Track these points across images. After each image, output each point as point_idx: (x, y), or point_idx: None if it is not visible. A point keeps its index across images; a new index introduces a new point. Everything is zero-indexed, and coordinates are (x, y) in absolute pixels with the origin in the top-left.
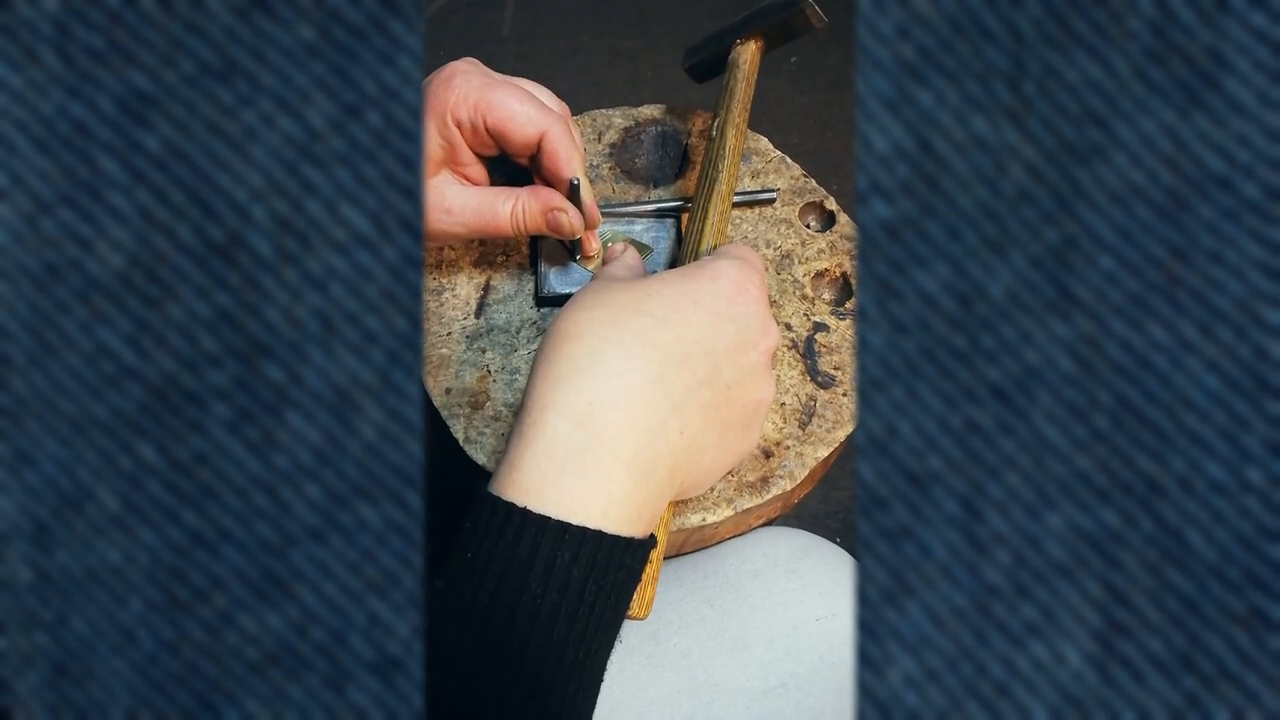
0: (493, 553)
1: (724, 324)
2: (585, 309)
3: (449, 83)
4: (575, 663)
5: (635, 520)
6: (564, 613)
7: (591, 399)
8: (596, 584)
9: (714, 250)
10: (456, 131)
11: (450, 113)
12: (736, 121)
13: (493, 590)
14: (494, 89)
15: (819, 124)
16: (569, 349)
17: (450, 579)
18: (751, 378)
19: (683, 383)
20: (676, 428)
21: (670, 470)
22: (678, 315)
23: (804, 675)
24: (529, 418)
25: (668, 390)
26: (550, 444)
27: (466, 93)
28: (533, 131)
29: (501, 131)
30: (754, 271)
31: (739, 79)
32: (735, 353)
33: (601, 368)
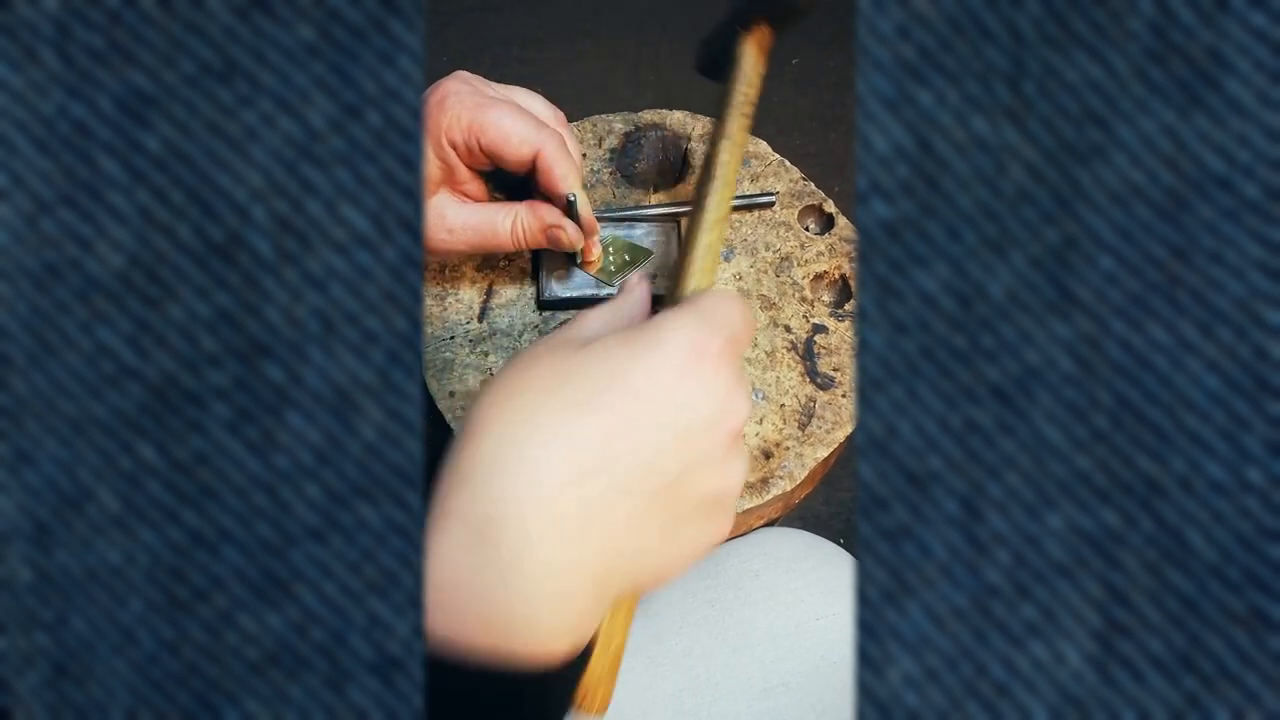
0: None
1: (664, 411)
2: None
3: (442, 104)
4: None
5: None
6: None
7: (489, 512)
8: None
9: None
10: (452, 153)
11: (445, 135)
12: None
13: None
14: (486, 109)
15: (821, 126)
16: (471, 448)
17: None
18: (707, 466)
19: (601, 488)
20: (597, 536)
21: (596, 578)
22: (605, 399)
23: (804, 674)
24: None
25: (583, 496)
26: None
27: (459, 114)
28: (526, 151)
29: (495, 152)
30: (714, 335)
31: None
32: (681, 442)
33: (504, 474)
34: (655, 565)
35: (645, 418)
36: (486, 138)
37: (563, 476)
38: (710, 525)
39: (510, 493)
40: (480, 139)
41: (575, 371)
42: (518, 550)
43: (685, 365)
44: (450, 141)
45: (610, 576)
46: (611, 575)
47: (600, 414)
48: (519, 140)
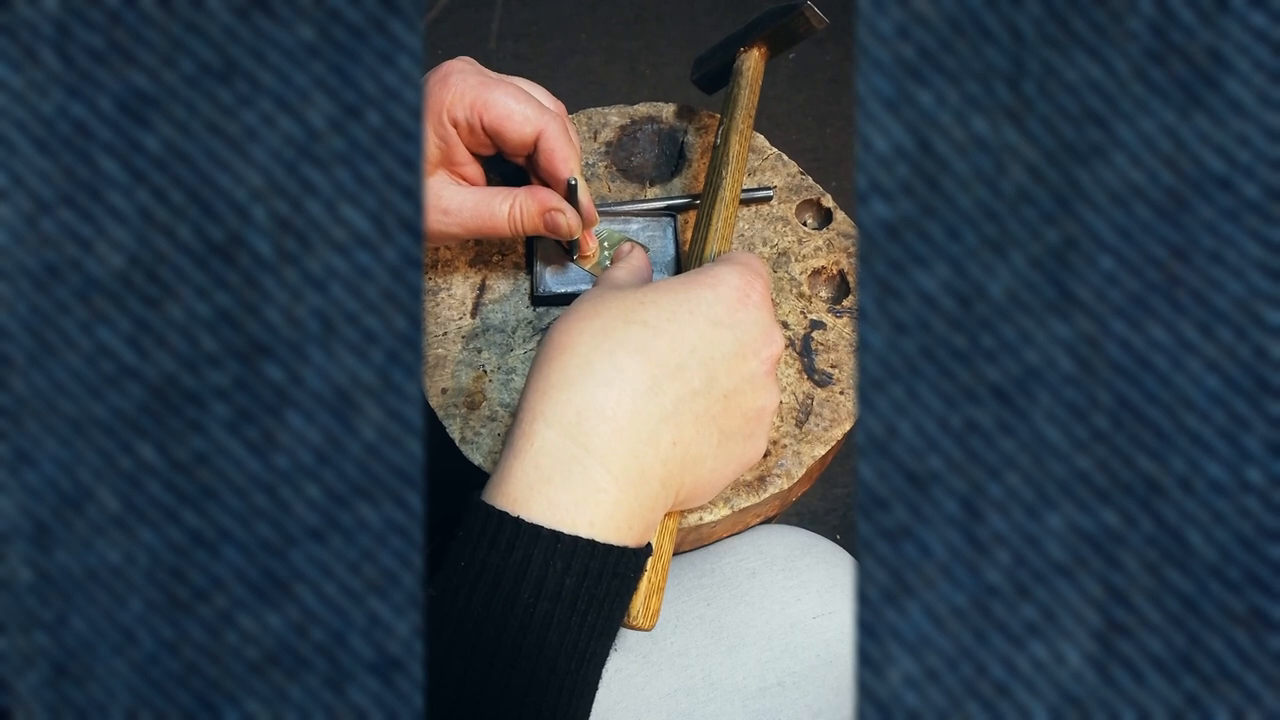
0: (485, 561)
1: (721, 332)
2: (579, 318)
3: (445, 81)
4: (568, 671)
5: (626, 530)
6: (556, 621)
7: (579, 409)
8: (589, 593)
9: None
10: (453, 131)
11: (446, 111)
12: (741, 128)
13: (485, 598)
14: (490, 88)
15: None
16: (560, 359)
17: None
18: (751, 386)
19: (675, 392)
20: (669, 438)
21: (663, 480)
22: (673, 324)
23: (801, 673)
24: (520, 428)
25: (659, 400)
26: (538, 454)
27: (463, 91)
28: (530, 131)
29: (498, 130)
30: (757, 278)
31: (743, 86)
32: (733, 361)
33: (590, 378)
34: (706, 474)
35: (705, 339)
36: (490, 115)
37: (642, 384)
38: (751, 442)
39: (599, 396)
40: (483, 116)
41: (646, 301)
42: (607, 445)
43: (736, 299)
44: (452, 119)
45: (671, 480)
46: (672, 479)
47: (670, 334)
48: (522, 119)
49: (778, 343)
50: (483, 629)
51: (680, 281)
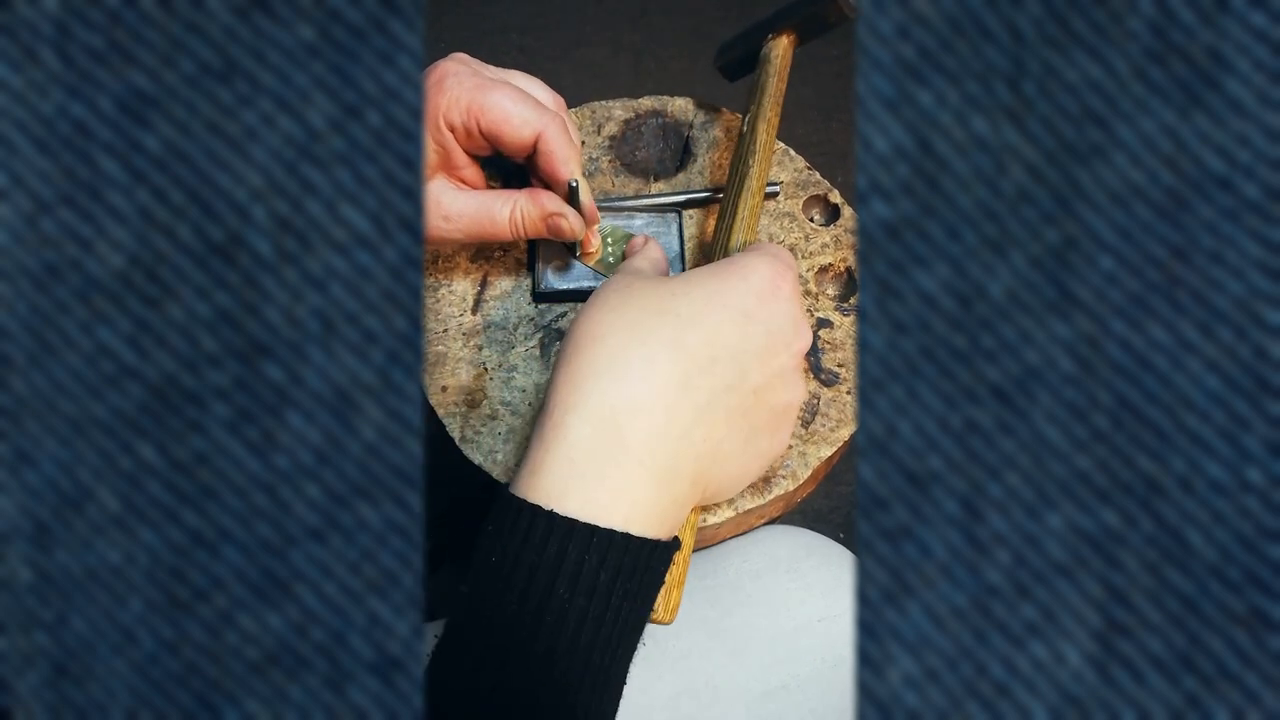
0: (519, 556)
1: (753, 326)
2: (609, 309)
3: (440, 85)
4: (601, 666)
5: (658, 526)
6: (591, 616)
7: (614, 403)
8: (623, 587)
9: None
10: (450, 136)
11: (443, 117)
12: (768, 117)
13: (520, 594)
14: (487, 90)
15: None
16: (591, 351)
17: (475, 583)
18: (780, 381)
19: (708, 387)
20: (701, 433)
21: (694, 476)
22: (705, 317)
23: (805, 677)
24: (550, 420)
25: (692, 395)
26: (571, 448)
27: (458, 95)
28: (528, 133)
29: (496, 134)
30: (788, 269)
31: (770, 74)
32: (764, 355)
33: (624, 371)
34: (735, 469)
35: (737, 333)
36: (487, 119)
37: (676, 379)
38: (777, 435)
39: (634, 391)
40: (480, 120)
41: (678, 293)
42: (643, 441)
43: (766, 292)
44: (448, 124)
45: (701, 476)
46: (702, 475)
47: (702, 327)
48: (520, 122)
49: (807, 336)
50: (518, 625)
51: (710, 272)
